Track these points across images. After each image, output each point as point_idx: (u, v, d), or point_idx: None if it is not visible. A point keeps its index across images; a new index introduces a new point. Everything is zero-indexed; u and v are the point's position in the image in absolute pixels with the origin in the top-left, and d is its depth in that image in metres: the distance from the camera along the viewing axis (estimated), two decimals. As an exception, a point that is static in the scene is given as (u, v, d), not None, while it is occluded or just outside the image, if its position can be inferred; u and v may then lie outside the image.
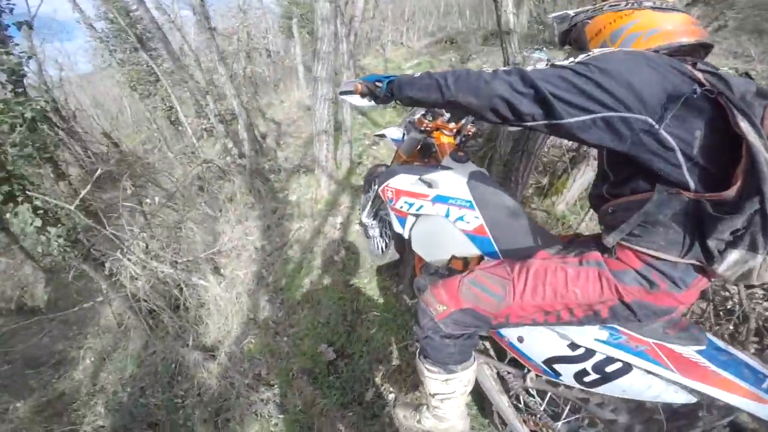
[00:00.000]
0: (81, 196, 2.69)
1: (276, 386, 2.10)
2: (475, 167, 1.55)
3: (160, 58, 8.92)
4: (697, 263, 0.86)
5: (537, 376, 1.30)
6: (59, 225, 2.87)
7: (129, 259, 2.65)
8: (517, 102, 0.87)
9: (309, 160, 4.53)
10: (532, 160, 2.26)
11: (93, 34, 8.99)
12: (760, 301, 2.08)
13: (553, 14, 1.17)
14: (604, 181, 1.00)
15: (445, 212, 1.41)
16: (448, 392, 1.26)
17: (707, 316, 2.11)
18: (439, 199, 1.44)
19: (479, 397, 1.70)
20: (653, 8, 0.96)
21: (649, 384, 1.01)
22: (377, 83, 1.21)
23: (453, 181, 1.46)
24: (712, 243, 0.81)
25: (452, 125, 1.65)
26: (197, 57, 6.69)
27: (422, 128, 1.71)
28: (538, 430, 1.39)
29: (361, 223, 2.38)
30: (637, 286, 0.92)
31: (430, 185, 1.50)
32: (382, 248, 2.28)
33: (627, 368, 1.03)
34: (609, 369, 1.05)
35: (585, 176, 2.64)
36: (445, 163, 1.59)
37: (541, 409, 1.35)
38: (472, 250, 1.36)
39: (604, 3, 1.02)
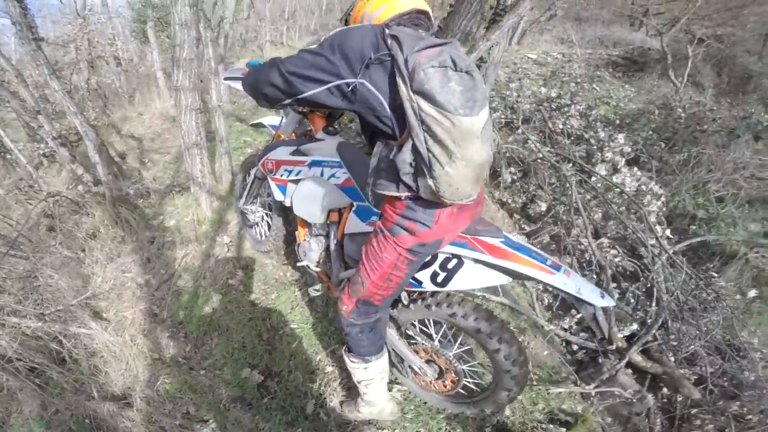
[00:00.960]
0: None
1: (211, 420, 2.09)
2: (342, 139, 2.00)
3: None
4: (415, 195, 1.17)
5: (407, 292, 1.70)
6: None
7: None
8: (275, 84, 1.22)
9: (183, 178, 4.28)
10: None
11: None
12: (608, 249, 2.69)
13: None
14: (364, 146, 1.42)
15: (320, 173, 1.82)
16: (368, 378, 1.66)
17: (575, 269, 2.66)
18: (315, 163, 1.86)
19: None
20: None
21: (479, 272, 1.41)
22: (250, 66, 1.63)
23: (325, 148, 1.88)
24: (405, 177, 1.13)
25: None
26: (19, 72, 5.77)
27: (300, 110, 2.10)
28: (429, 357, 1.77)
29: (241, 212, 2.76)
30: (404, 234, 1.25)
31: (305, 154, 1.92)
32: (264, 232, 2.69)
33: (461, 262, 1.43)
34: (450, 265, 1.44)
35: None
36: (319, 136, 2.00)
37: (432, 338, 1.72)
38: (344, 200, 1.75)
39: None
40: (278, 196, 2.11)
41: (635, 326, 2.20)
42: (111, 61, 9.75)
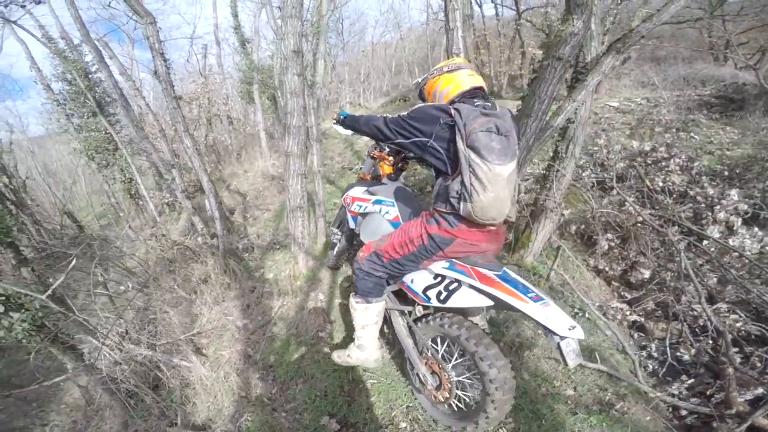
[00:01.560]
0: (54, 287, 2.68)
1: (286, 462, 2.11)
2: (401, 184, 2.54)
3: (118, 125, 8.84)
4: (455, 212, 1.65)
5: (422, 307, 2.08)
6: (23, 310, 2.73)
7: (105, 344, 2.64)
8: (382, 132, 1.85)
9: (282, 236, 4.70)
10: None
11: (50, 96, 8.83)
12: (727, 314, 2.39)
13: (413, 82, 2.14)
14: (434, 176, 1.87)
15: (379, 210, 2.33)
16: (367, 321, 2.08)
17: (685, 336, 2.40)
18: (377, 201, 2.37)
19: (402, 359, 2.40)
20: (448, 72, 1.82)
21: (470, 295, 1.73)
22: (341, 116, 2.22)
23: (386, 190, 2.40)
24: (452, 200, 1.63)
25: (391, 158, 2.57)
26: (162, 127, 6.72)
27: (372, 155, 2.69)
28: (435, 370, 2.02)
29: (332, 233, 3.31)
30: (434, 224, 1.74)
31: (372, 194, 2.44)
32: (337, 255, 3.27)
33: (459, 285, 1.77)
34: (451, 287, 1.80)
35: (546, 228, 3.01)
36: (384, 181, 2.58)
37: (439, 353, 1.97)
38: (391, 232, 2.09)
39: (427, 74, 1.92)
40: (351, 224, 2.69)
41: (760, 390, 2.07)
42: (224, 119, 11.15)
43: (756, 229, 2.74)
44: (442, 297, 1.81)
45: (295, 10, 2.89)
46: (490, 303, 1.66)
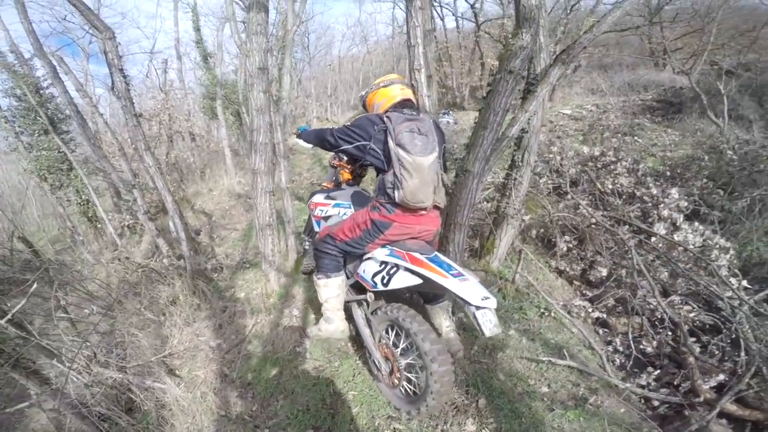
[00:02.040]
0: (14, 311, 2.55)
1: (272, 479, 2.07)
2: (358, 188, 2.83)
3: (72, 143, 8.40)
4: (391, 201, 1.97)
5: (372, 294, 2.30)
6: (-23, 337, 2.60)
7: (72, 368, 2.53)
8: (329, 141, 2.19)
9: (251, 254, 4.65)
10: (464, 231, 2.70)
11: (-3, 113, 8.23)
12: (681, 306, 2.54)
13: (358, 95, 2.49)
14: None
15: (338, 212, 2.58)
16: (330, 294, 2.35)
17: (645, 330, 2.53)
18: (337, 205, 2.64)
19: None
20: (384, 86, 2.20)
21: (405, 276, 1.95)
22: (300, 131, 2.53)
23: (344, 195, 2.68)
24: (388, 190, 1.97)
25: (349, 166, 2.84)
26: (121, 145, 6.45)
27: (333, 165, 2.93)
28: (387, 356, 2.25)
29: (303, 239, 3.47)
30: (376, 212, 2.07)
31: (332, 198, 2.70)
32: (308, 261, 3.33)
33: (398, 269, 2.00)
34: (391, 272, 2.03)
35: (508, 234, 3.16)
36: (343, 186, 2.83)
37: (390, 340, 2.21)
38: None
39: (368, 89, 2.29)
40: (315, 228, 2.87)
41: (721, 377, 2.18)
42: (186, 136, 10.80)
43: (697, 223, 2.99)
44: (385, 281, 2.05)
45: (261, 27, 2.92)
46: (420, 281, 1.88)
